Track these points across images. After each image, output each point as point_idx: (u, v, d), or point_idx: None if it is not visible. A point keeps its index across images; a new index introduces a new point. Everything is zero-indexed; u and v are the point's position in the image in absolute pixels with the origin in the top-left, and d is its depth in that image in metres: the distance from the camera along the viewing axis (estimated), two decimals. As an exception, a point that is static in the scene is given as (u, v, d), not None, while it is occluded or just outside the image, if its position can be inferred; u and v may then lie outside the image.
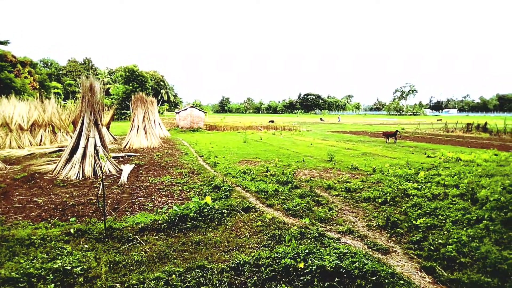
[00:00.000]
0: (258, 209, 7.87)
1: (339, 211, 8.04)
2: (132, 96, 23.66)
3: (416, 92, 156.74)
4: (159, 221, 6.69)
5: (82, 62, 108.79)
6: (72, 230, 6.10)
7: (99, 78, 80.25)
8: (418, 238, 6.21)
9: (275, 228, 6.57)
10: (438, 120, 73.38)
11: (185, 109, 41.58)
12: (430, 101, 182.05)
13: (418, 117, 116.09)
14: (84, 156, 12.06)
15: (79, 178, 11.32)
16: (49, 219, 7.19)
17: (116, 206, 8.28)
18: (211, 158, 15.78)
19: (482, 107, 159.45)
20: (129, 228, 6.44)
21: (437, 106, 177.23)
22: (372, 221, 7.32)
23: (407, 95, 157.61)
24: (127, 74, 73.91)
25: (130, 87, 71.40)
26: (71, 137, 15.01)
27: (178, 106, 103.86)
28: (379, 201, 8.62)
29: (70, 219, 7.05)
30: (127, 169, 12.46)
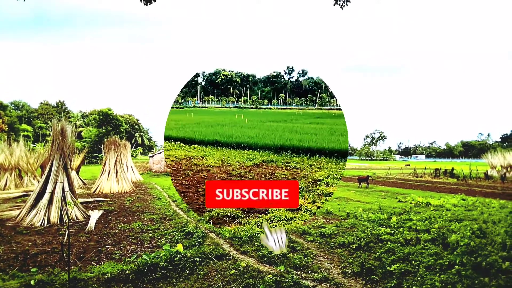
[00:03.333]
0: (232, 257, 7.66)
1: (314, 257, 7.94)
2: (105, 140, 23.29)
3: (386, 138, 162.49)
4: (127, 271, 6.37)
5: (55, 105, 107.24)
6: (32, 282, 5.70)
7: (71, 121, 78.80)
8: (393, 284, 6.18)
9: (249, 277, 6.38)
10: (406, 165, 75.58)
11: (159, 153, 41.07)
12: (399, 147, 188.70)
13: (388, 162, 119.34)
14: (50, 201, 11.54)
15: (44, 225, 10.74)
16: (7, 269, 6.71)
17: (81, 255, 7.86)
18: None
19: (448, 153, 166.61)
20: (95, 279, 6.09)
21: (406, 152, 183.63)
22: (347, 268, 7.26)
23: (377, 141, 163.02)
24: (101, 117, 73.10)
25: (104, 130, 70.29)
26: (38, 182, 14.42)
27: (152, 150, 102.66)
28: (354, 247, 8.61)
29: (31, 270, 6.59)
30: (95, 215, 11.98)
